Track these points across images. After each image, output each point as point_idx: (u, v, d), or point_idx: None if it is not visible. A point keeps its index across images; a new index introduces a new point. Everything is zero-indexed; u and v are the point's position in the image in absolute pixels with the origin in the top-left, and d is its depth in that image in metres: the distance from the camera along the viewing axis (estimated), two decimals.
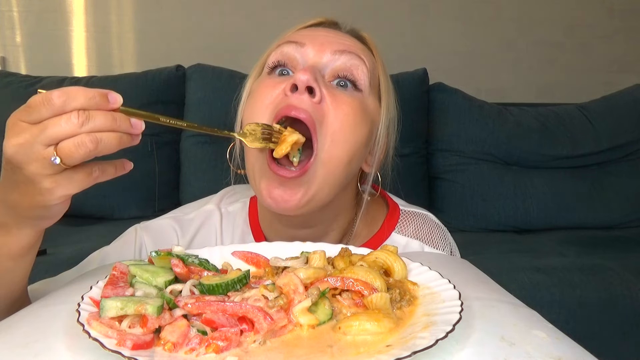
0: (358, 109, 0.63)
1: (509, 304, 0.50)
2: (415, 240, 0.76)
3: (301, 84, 0.59)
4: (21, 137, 0.45)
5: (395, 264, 0.53)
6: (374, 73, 0.69)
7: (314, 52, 0.64)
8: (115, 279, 0.49)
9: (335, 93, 0.63)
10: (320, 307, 0.44)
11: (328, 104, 0.61)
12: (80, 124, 0.44)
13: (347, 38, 0.68)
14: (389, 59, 0.75)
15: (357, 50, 0.67)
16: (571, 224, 1.91)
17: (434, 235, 0.77)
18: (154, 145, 1.89)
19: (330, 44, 0.65)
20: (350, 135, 0.63)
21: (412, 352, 0.36)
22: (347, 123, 0.62)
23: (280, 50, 0.65)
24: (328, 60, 0.64)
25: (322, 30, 0.69)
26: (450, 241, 0.79)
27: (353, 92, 0.65)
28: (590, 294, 1.39)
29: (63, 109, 0.44)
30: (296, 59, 0.65)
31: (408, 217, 0.78)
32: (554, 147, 1.95)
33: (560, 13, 2.49)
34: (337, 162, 0.63)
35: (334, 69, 0.64)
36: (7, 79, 1.93)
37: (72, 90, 0.45)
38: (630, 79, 2.21)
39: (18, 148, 0.45)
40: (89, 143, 0.45)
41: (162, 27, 2.37)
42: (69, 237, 1.61)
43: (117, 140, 0.47)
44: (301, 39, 0.66)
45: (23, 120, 0.45)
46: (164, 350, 0.39)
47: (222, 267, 0.57)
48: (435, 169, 2.00)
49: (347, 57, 0.64)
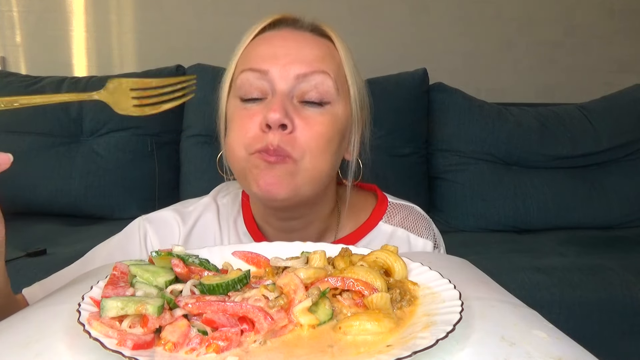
0: (329, 123, 0.67)
1: (509, 304, 0.50)
2: (400, 228, 0.80)
3: (274, 124, 0.63)
4: None
5: (395, 264, 0.53)
6: (339, 73, 0.71)
7: (278, 77, 0.67)
8: (116, 278, 0.49)
9: (306, 115, 0.66)
10: (321, 307, 0.45)
11: (301, 129, 0.65)
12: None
13: (307, 42, 0.70)
14: (389, 59, 0.76)
15: (319, 61, 0.68)
16: (571, 224, 1.91)
17: (419, 225, 0.81)
18: (154, 145, 1.89)
19: (292, 66, 0.66)
20: (327, 148, 0.67)
21: (412, 352, 0.36)
22: (322, 140, 0.66)
23: (246, 78, 0.68)
24: (292, 85, 0.67)
25: (281, 38, 0.70)
26: (435, 231, 0.83)
27: (322, 109, 0.68)
28: (590, 294, 1.39)
29: None
30: (263, 87, 0.67)
31: (395, 208, 0.82)
32: (554, 147, 1.95)
33: (560, 13, 2.50)
34: (320, 170, 0.68)
35: (301, 92, 0.67)
36: (7, 79, 1.93)
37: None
38: (630, 79, 2.21)
39: None
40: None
41: (162, 27, 2.37)
42: (68, 237, 1.61)
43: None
44: (262, 63, 0.67)
45: None
46: (165, 350, 0.39)
47: (223, 267, 0.57)
48: (435, 169, 2.00)
49: (310, 79, 0.67)
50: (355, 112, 0.73)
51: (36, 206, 1.81)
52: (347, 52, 0.73)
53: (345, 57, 0.73)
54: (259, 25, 0.73)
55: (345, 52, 0.73)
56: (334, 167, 0.72)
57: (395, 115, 1.94)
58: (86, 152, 1.86)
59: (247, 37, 0.73)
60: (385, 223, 0.80)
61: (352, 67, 0.73)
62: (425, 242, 0.80)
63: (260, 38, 0.73)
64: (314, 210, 0.75)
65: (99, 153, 1.85)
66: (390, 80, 1.98)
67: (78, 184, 1.80)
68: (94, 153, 1.85)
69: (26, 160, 1.78)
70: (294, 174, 0.66)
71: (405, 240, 0.79)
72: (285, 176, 0.65)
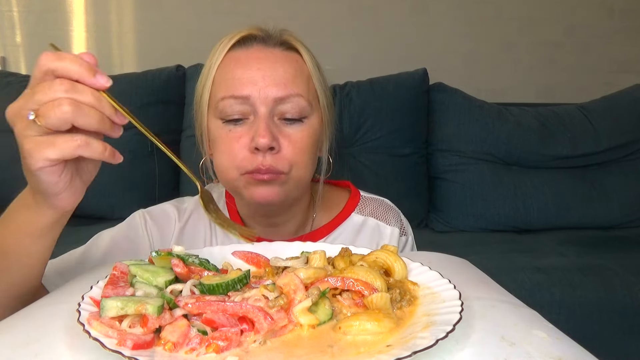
0: (308, 136, 0.75)
1: (509, 304, 0.50)
2: (371, 217, 0.88)
3: (263, 148, 0.70)
4: (18, 101, 0.49)
5: (395, 263, 0.53)
6: (310, 87, 0.77)
7: (259, 101, 0.72)
8: (116, 278, 0.49)
9: (288, 133, 0.74)
10: (321, 307, 0.45)
11: (285, 147, 0.73)
12: (63, 90, 0.47)
13: (279, 61, 0.75)
14: (389, 59, 0.77)
15: (291, 82, 0.74)
16: (571, 224, 1.91)
17: (388, 214, 0.89)
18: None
19: (270, 89, 0.72)
20: (308, 157, 0.76)
21: (412, 352, 0.36)
22: (305, 152, 0.75)
23: (229, 105, 0.73)
24: (271, 107, 0.73)
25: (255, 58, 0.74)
26: (404, 221, 0.91)
27: (301, 124, 0.75)
28: (590, 294, 1.39)
29: (46, 67, 0.48)
30: (245, 110, 0.73)
31: (366, 201, 0.90)
32: (554, 147, 1.95)
33: (560, 13, 2.50)
34: (304, 177, 0.77)
35: (280, 112, 0.73)
36: (7, 79, 1.93)
37: (66, 57, 0.48)
38: (630, 79, 2.21)
39: (10, 109, 0.49)
40: (66, 105, 0.47)
41: (162, 27, 2.37)
42: (69, 237, 1.60)
43: (97, 117, 0.49)
44: (242, 89, 0.72)
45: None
46: (164, 350, 0.39)
47: (223, 267, 0.57)
48: (435, 169, 2.00)
49: (286, 101, 0.73)
50: (325, 116, 0.80)
51: None
52: (312, 62, 0.79)
53: (312, 68, 0.78)
54: (229, 42, 0.77)
55: (311, 62, 0.78)
56: (314, 169, 0.80)
57: (395, 115, 1.94)
58: None
59: (219, 54, 0.77)
60: (357, 214, 0.88)
61: (318, 75, 0.79)
62: (392, 229, 0.87)
63: (233, 57, 0.76)
64: (293, 207, 0.83)
65: None
66: (390, 80, 1.98)
67: None
68: None
69: None
70: (284, 183, 0.74)
71: (375, 228, 0.87)
72: (278, 187, 0.73)
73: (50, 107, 0.47)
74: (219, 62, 0.76)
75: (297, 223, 0.85)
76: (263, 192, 0.73)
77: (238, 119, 0.73)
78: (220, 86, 0.75)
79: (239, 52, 0.76)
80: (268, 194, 0.73)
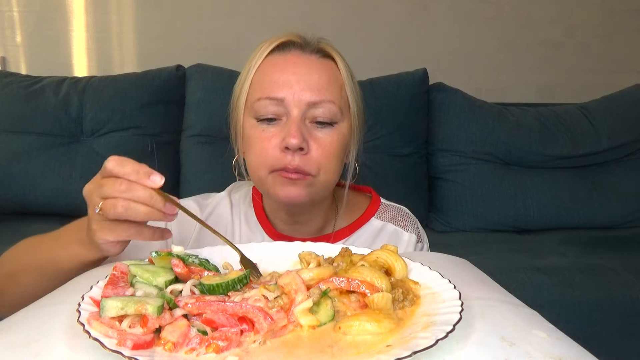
0: (337, 141, 0.78)
1: (509, 304, 0.50)
2: (390, 223, 0.91)
3: (293, 148, 0.73)
4: (91, 184, 0.61)
5: (396, 263, 0.53)
6: (342, 95, 0.80)
7: (292, 104, 0.76)
8: (116, 278, 0.49)
9: (317, 137, 0.77)
10: (322, 308, 0.44)
11: (314, 149, 0.76)
12: (121, 190, 0.57)
13: (315, 67, 0.78)
14: (389, 59, 0.78)
15: (325, 88, 0.77)
16: (571, 224, 1.91)
17: (406, 222, 0.92)
18: (154, 145, 1.89)
19: (304, 93, 0.76)
20: (336, 162, 0.79)
21: (412, 352, 0.36)
22: (332, 156, 0.78)
23: (264, 105, 0.77)
24: (304, 110, 0.76)
25: (292, 63, 0.78)
26: (420, 229, 0.94)
27: (331, 128, 0.78)
28: (590, 294, 1.39)
29: (112, 172, 0.58)
30: (278, 111, 0.77)
31: (386, 207, 0.94)
32: (554, 147, 1.95)
33: (560, 13, 2.50)
34: (331, 180, 0.80)
35: (312, 116, 0.77)
36: (7, 79, 1.93)
37: (124, 161, 0.58)
38: (630, 79, 2.21)
39: (86, 191, 0.62)
40: (120, 207, 0.57)
41: (162, 27, 2.37)
42: None
43: (145, 213, 0.57)
44: (278, 91, 0.76)
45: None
46: (164, 350, 0.39)
47: (223, 267, 0.57)
48: (435, 169, 2.00)
49: (319, 106, 0.76)
50: (354, 124, 0.83)
51: (36, 206, 1.80)
52: (347, 71, 0.82)
53: (346, 76, 0.81)
54: (268, 47, 0.80)
55: (345, 71, 0.81)
56: (339, 174, 0.83)
57: (395, 115, 1.94)
58: (86, 152, 1.86)
59: (258, 58, 0.80)
60: (377, 219, 0.91)
61: (351, 84, 0.82)
62: (410, 235, 0.90)
63: (271, 62, 0.79)
64: (317, 207, 0.86)
65: (99, 153, 1.85)
66: (390, 80, 1.98)
67: (78, 184, 1.79)
68: (94, 153, 1.85)
69: (26, 160, 1.77)
70: (311, 185, 0.77)
71: (393, 233, 0.90)
72: (304, 188, 0.76)
73: (109, 205, 0.57)
74: (258, 65, 0.80)
75: (319, 223, 0.88)
76: (288, 192, 0.76)
77: (271, 118, 0.77)
78: (257, 88, 0.78)
79: (277, 56, 0.79)
80: (293, 194, 0.76)
